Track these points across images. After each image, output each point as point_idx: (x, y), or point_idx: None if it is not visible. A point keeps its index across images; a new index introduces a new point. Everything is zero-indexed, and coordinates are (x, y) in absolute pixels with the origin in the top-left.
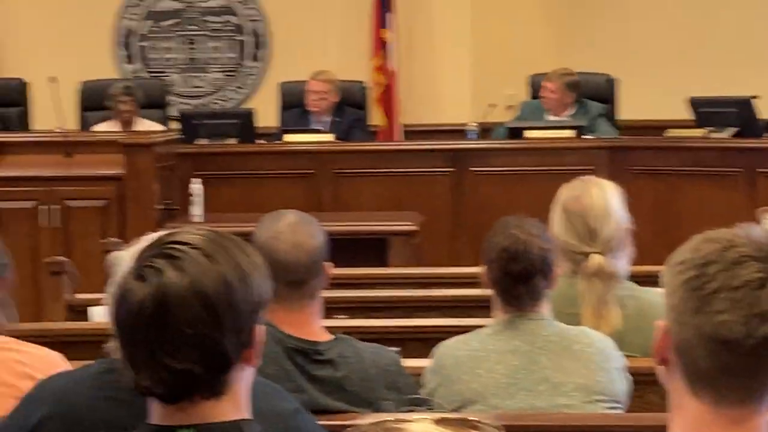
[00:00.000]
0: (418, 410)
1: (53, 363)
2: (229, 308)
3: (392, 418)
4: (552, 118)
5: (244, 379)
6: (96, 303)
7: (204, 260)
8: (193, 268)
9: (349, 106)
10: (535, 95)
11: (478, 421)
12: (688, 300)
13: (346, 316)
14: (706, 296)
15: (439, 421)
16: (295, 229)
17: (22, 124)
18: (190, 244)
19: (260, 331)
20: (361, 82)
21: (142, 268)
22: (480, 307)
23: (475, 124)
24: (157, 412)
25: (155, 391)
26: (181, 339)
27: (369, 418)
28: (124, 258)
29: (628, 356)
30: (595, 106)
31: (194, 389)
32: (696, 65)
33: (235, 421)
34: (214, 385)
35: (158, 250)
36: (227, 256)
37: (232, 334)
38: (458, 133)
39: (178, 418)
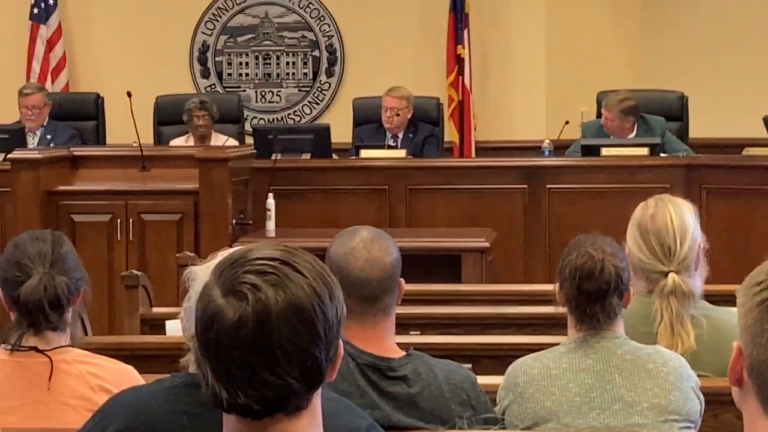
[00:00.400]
0: (492, 428)
1: (128, 376)
2: (324, 323)
3: None
4: (613, 138)
5: (320, 394)
6: (171, 317)
7: (295, 275)
8: (287, 284)
9: (423, 122)
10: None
11: None
12: (763, 321)
13: (419, 333)
14: None
15: None
16: (370, 245)
17: (98, 138)
18: (278, 259)
19: (341, 345)
20: (435, 98)
21: (235, 286)
22: (553, 325)
23: (549, 141)
24: (232, 428)
25: (250, 407)
26: (282, 355)
27: None
28: (200, 274)
29: (701, 376)
30: (658, 121)
31: (286, 405)
32: None
33: None
34: (302, 400)
35: (248, 266)
36: (313, 270)
37: (326, 347)
38: (532, 149)
39: None
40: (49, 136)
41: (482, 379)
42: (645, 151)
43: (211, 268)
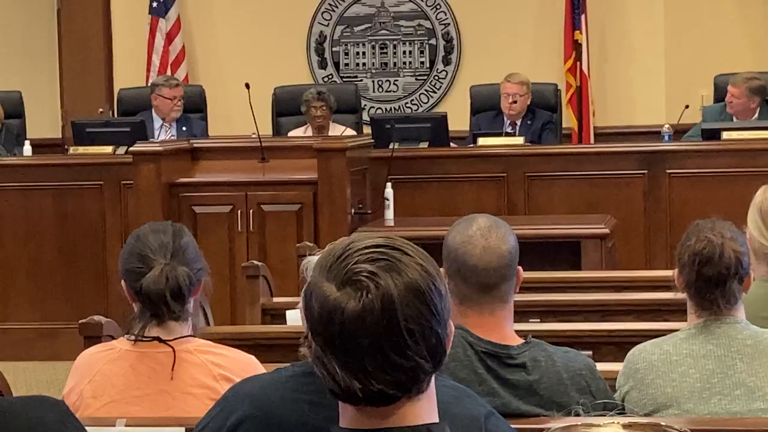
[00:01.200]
0: (609, 414)
1: (249, 365)
2: (439, 299)
3: (581, 422)
4: (736, 120)
5: (434, 377)
6: (292, 306)
7: (406, 258)
8: (401, 267)
9: (541, 108)
10: (719, 96)
11: (668, 426)
12: None
13: (539, 320)
14: None
15: (628, 426)
16: (487, 234)
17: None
18: (384, 246)
19: (451, 322)
20: (553, 84)
21: (350, 277)
22: (674, 311)
23: (669, 126)
24: (349, 416)
25: (383, 394)
26: (410, 337)
27: (559, 422)
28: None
29: None
30: None
31: (419, 386)
32: None
33: (425, 424)
34: (426, 382)
35: (357, 257)
36: (417, 251)
37: (444, 324)
38: (650, 134)
39: (373, 421)
40: (184, 128)
41: (602, 366)
42: (767, 134)
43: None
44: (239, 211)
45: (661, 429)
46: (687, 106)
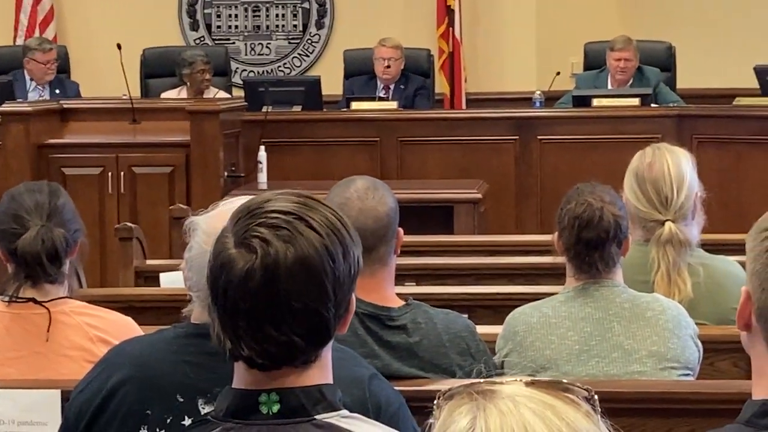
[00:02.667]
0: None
1: (127, 327)
2: (334, 282)
3: (484, 381)
4: (611, 88)
5: (330, 348)
6: (166, 269)
7: (308, 231)
8: (299, 241)
9: (413, 73)
10: (590, 63)
11: (570, 383)
12: None
13: (414, 284)
14: None
15: (531, 384)
16: (364, 195)
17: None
18: (292, 213)
19: (353, 301)
20: (426, 49)
21: (246, 237)
22: (547, 275)
23: (540, 92)
24: (241, 376)
25: (252, 360)
26: (289, 312)
27: (460, 381)
28: (201, 224)
29: (698, 324)
30: (653, 72)
31: (291, 360)
32: (761, 32)
33: (317, 385)
34: (309, 355)
35: (262, 218)
36: (328, 225)
37: (335, 307)
38: (522, 101)
39: (264, 382)
40: (57, 91)
41: (480, 329)
42: (636, 101)
43: (212, 219)
44: (110, 174)
45: (563, 386)
46: (558, 73)
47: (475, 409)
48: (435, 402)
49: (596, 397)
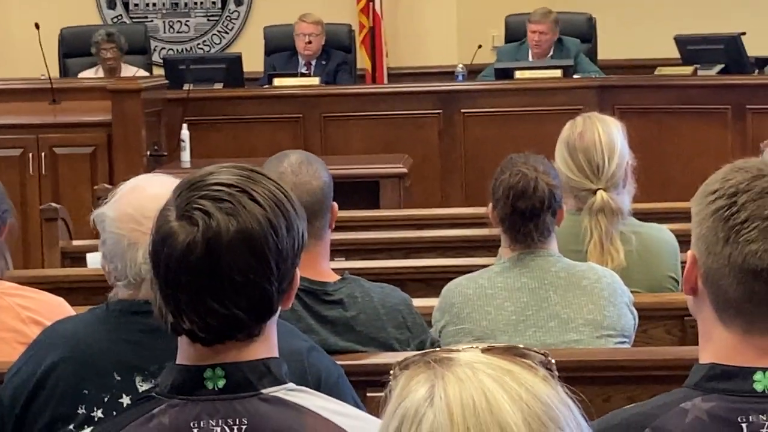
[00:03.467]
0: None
1: (58, 308)
2: (277, 256)
3: (440, 349)
4: (532, 60)
5: (275, 320)
6: (92, 249)
7: (251, 204)
8: (241, 214)
9: (335, 49)
10: (511, 36)
11: (526, 349)
12: (717, 230)
13: (344, 259)
14: (736, 226)
15: (487, 350)
16: (298, 170)
17: None
18: (235, 186)
19: (297, 275)
20: (347, 24)
21: (188, 210)
22: (476, 248)
23: (462, 66)
24: (185, 352)
25: (194, 334)
26: (230, 286)
27: (399, 355)
28: (108, 213)
29: (632, 292)
30: (573, 43)
31: (234, 334)
32: (681, 3)
33: (262, 359)
34: (253, 330)
35: (204, 191)
36: (271, 198)
37: (278, 281)
38: (445, 75)
39: (208, 357)
40: None
41: (415, 302)
42: (558, 73)
43: (117, 203)
44: (30, 155)
45: (519, 351)
46: (480, 46)
47: (432, 377)
48: (391, 372)
49: (553, 361)
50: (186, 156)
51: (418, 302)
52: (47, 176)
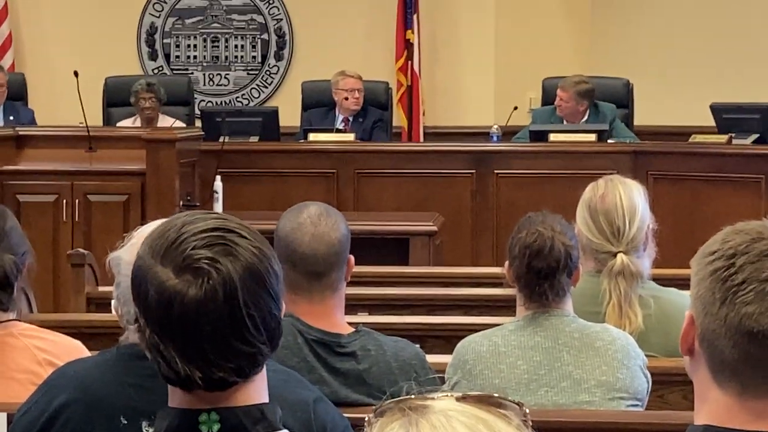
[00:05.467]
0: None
1: (76, 350)
2: (276, 280)
3: (415, 396)
4: (566, 124)
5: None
6: None
7: (242, 240)
8: (239, 251)
9: (372, 106)
10: (548, 98)
11: (501, 398)
12: (715, 291)
13: (368, 313)
14: (733, 287)
15: (462, 398)
16: (317, 221)
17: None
18: (219, 228)
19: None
20: (385, 82)
21: (189, 263)
22: (500, 307)
23: (497, 127)
24: (179, 395)
25: (224, 381)
26: (251, 322)
27: (392, 399)
28: (124, 257)
29: (648, 356)
30: (609, 108)
31: (255, 369)
32: (717, 71)
33: (257, 405)
34: (262, 365)
35: (193, 242)
36: (250, 229)
37: (280, 306)
38: (480, 135)
39: (203, 402)
40: (11, 117)
41: (430, 358)
42: (593, 137)
43: (135, 248)
44: (65, 201)
45: (494, 400)
46: (516, 108)
47: (407, 424)
48: (366, 419)
49: (527, 411)
50: (219, 207)
51: (434, 358)
52: (80, 223)
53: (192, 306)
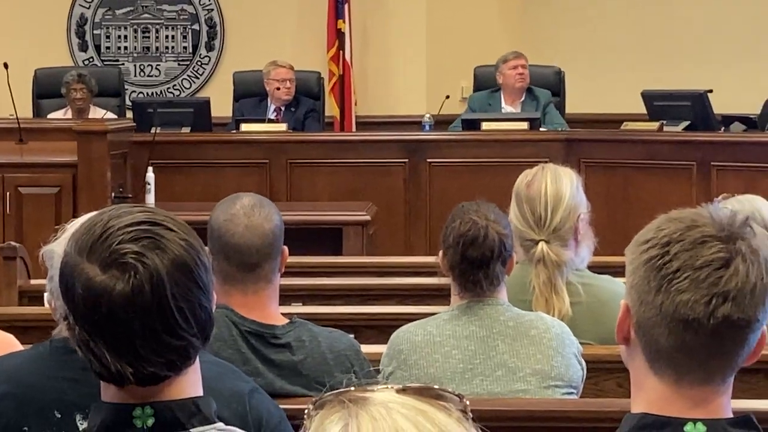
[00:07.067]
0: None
1: (7, 344)
2: (204, 271)
3: (355, 388)
4: (506, 107)
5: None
6: None
7: (169, 233)
8: (166, 244)
9: (303, 96)
10: (480, 86)
11: (441, 390)
12: (650, 279)
13: (301, 304)
14: (668, 275)
15: (402, 390)
16: (250, 212)
17: None
18: (145, 222)
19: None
20: (316, 72)
21: (116, 258)
22: (434, 296)
23: (429, 116)
24: (111, 391)
25: (156, 375)
26: (180, 315)
27: (332, 392)
28: (57, 250)
29: (583, 344)
30: (543, 94)
31: (187, 362)
32: (648, 59)
33: (191, 398)
34: (193, 357)
35: (120, 236)
36: (178, 222)
37: (210, 298)
38: (413, 124)
39: (137, 396)
40: None
41: (365, 348)
42: (525, 125)
43: (65, 240)
44: None
45: (434, 392)
46: (447, 96)
47: (347, 416)
48: (306, 411)
49: (467, 402)
50: (151, 198)
51: (368, 348)
52: (11, 215)
53: (119, 302)
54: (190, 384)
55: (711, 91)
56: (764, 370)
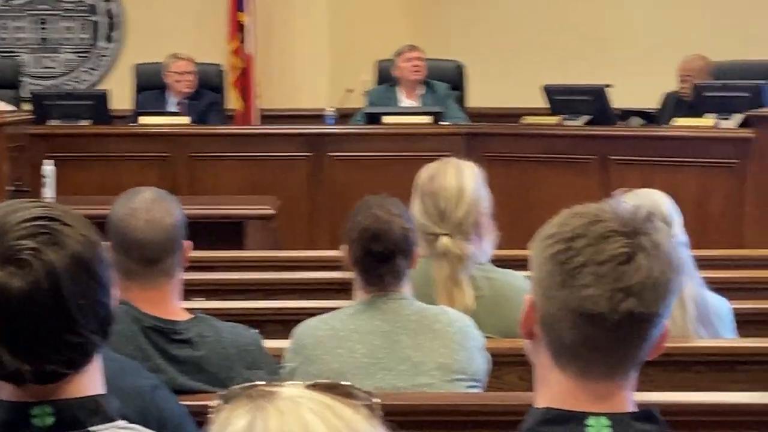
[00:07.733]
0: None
1: None
2: (104, 267)
3: (264, 383)
4: (405, 100)
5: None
6: None
7: (67, 228)
8: (64, 240)
9: (205, 89)
10: (382, 80)
11: (350, 386)
12: (554, 274)
13: (204, 299)
14: (572, 270)
15: (311, 386)
16: (150, 206)
17: None
18: (43, 217)
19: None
20: (217, 64)
21: (12, 254)
22: (337, 290)
23: (332, 109)
24: (9, 390)
25: (56, 373)
26: (79, 312)
27: (240, 386)
28: None
29: (486, 337)
30: (442, 87)
31: (89, 362)
32: (550, 53)
33: (92, 396)
34: (93, 355)
35: (16, 232)
36: (76, 218)
37: (110, 294)
38: (315, 118)
39: (36, 394)
40: None
41: (268, 343)
42: (427, 119)
43: None
44: None
45: (343, 389)
46: (351, 90)
47: (254, 409)
48: (214, 405)
49: (376, 401)
50: (48, 192)
51: (272, 343)
52: None
53: (17, 299)
54: (91, 381)
55: (610, 85)
56: (663, 362)
